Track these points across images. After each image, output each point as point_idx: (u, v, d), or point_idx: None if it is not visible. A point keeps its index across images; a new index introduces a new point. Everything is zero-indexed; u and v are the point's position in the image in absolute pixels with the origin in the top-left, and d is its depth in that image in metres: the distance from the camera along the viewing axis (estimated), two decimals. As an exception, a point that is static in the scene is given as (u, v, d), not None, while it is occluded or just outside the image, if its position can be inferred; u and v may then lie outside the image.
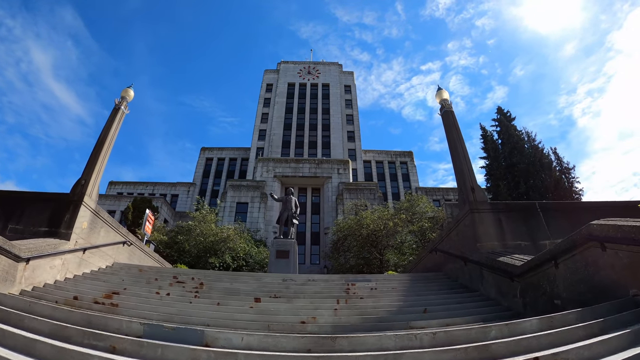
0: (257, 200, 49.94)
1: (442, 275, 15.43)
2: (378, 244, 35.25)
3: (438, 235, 17.37)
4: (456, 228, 14.83)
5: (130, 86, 19.11)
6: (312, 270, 46.20)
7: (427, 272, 17.07)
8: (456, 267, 14.31)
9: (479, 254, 12.30)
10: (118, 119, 17.57)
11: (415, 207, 37.53)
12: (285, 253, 19.79)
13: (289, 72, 79.14)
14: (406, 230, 35.59)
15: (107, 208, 53.09)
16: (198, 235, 33.41)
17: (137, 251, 18.23)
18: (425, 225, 35.35)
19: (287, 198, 22.88)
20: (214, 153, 74.11)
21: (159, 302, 10.43)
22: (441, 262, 16.28)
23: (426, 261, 18.69)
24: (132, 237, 17.86)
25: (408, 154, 72.78)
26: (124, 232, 17.24)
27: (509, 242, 12.96)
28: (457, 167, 15.18)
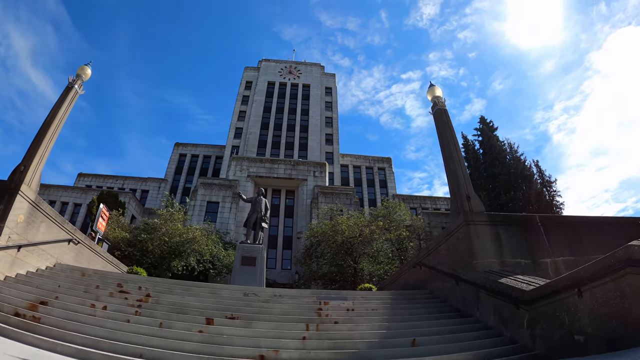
0: (229, 200, 47.81)
1: (428, 294, 13.72)
2: (353, 252, 33.55)
3: (424, 249, 15.63)
4: (447, 241, 13.09)
5: (88, 64, 17.08)
6: (282, 276, 44.44)
7: (410, 289, 15.30)
8: (445, 285, 12.66)
9: (475, 273, 10.72)
10: (70, 99, 15.56)
11: (392, 215, 35.86)
12: (252, 260, 17.78)
13: (269, 71, 77.00)
14: (383, 238, 33.93)
15: (73, 201, 50.81)
16: (163, 235, 31.20)
17: (86, 251, 16.08)
18: (403, 234, 33.74)
19: (257, 199, 20.80)
20: (188, 149, 71.64)
21: (90, 319, 8.55)
22: (426, 278, 14.57)
23: (408, 276, 16.89)
24: (80, 235, 15.73)
25: (387, 160, 71.44)
26: (70, 229, 15.13)
27: (507, 259, 11.37)
28: (451, 172, 13.48)
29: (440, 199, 68.01)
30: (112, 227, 32.29)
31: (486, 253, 11.31)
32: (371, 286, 20.46)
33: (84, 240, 15.96)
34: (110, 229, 32.01)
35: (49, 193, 52.58)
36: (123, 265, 19.39)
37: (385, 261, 34.46)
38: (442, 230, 13.82)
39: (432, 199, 67.48)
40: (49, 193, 52.63)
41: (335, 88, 77.20)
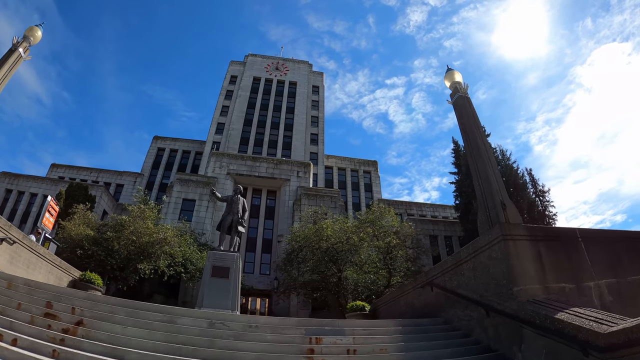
0: (206, 199, 44.92)
1: (443, 324, 11.22)
2: (338, 260, 30.99)
3: (437, 266, 12.91)
4: (472, 260, 10.47)
5: (39, 25, 14.31)
6: (260, 282, 41.91)
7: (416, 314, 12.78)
8: (468, 315, 10.24)
9: (516, 303, 8.45)
10: (12, 62, 12.84)
11: (381, 221, 33.26)
12: (225, 271, 14.96)
13: (255, 66, 74.20)
14: (371, 245, 31.37)
15: (43, 192, 48.23)
16: (130, 234, 28.24)
17: (25, 253, 13.18)
18: (393, 241, 31.15)
19: (234, 198, 17.93)
20: (166, 143, 68.59)
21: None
22: (438, 303, 12.04)
23: (412, 297, 14.21)
24: (16, 233, 12.80)
25: (372, 164, 69.28)
26: (2, 224, 12.22)
27: (551, 284, 9.01)
28: (480, 172, 11.00)
29: (426, 205, 66.40)
30: (76, 223, 29.30)
31: (528, 277, 8.88)
32: (364, 304, 17.96)
33: (23, 240, 13.04)
34: (74, 224, 29.04)
35: (17, 183, 49.80)
36: (75, 269, 16.52)
37: (372, 270, 32.03)
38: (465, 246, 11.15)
39: (417, 204, 65.81)
40: (18, 183, 49.82)
41: (323, 87, 74.90)
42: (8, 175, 50.61)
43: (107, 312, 8.96)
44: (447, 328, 10.83)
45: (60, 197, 38.58)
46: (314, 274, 32.54)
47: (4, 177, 50.17)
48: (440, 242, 47.43)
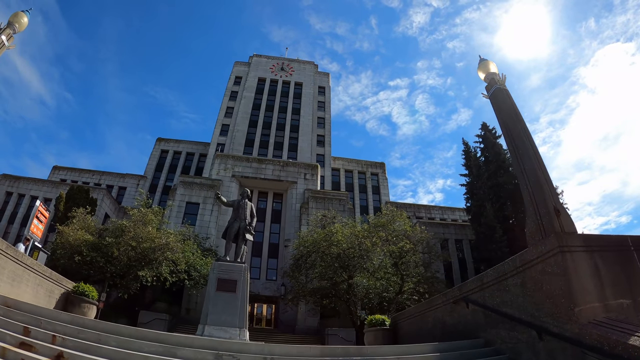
0: (210, 202, 43.67)
1: (483, 345, 9.92)
2: (349, 265, 29.65)
3: (473, 280, 11.47)
4: (521, 274, 9.07)
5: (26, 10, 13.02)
6: (267, 288, 40.72)
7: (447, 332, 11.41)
8: (515, 337, 8.98)
9: (577, 326, 7.30)
10: None
11: (392, 224, 31.82)
12: (231, 284, 13.55)
13: (260, 67, 73.02)
14: (384, 250, 29.96)
15: (43, 195, 47.22)
16: (131, 239, 26.96)
17: (9, 264, 11.80)
18: (406, 246, 29.71)
19: (241, 203, 16.45)
20: (170, 145, 67.44)
21: None
22: (476, 321, 10.71)
23: (442, 313, 12.77)
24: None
25: (380, 165, 67.98)
26: (-19, 237, 10.89)
27: (610, 301, 7.79)
28: (527, 173, 9.68)
29: (435, 207, 65.19)
30: (74, 228, 28.10)
31: (587, 294, 7.62)
32: (384, 318, 16.58)
33: (6, 250, 11.67)
34: (73, 229, 27.83)
35: (18, 186, 48.84)
36: (67, 280, 15.11)
37: (384, 277, 30.74)
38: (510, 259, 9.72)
39: (426, 207, 64.72)
40: (18, 186, 48.84)
41: (329, 87, 73.65)
42: (8, 178, 49.55)
43: (94, 342, 7.60)
44: (490, 352, 9.46)
45: (60, 201, 37.46)
46: (322, 281, 31.34)
47: (4, 180, 49.10)
48: (450, 245, 46.02)
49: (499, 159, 42.04)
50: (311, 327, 36.80)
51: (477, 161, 44.72)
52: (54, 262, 26.76)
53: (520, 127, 10.62)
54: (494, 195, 40.43)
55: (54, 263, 26.36)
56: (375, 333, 16.29)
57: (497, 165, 41.60)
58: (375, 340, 16.24)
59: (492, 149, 43.30)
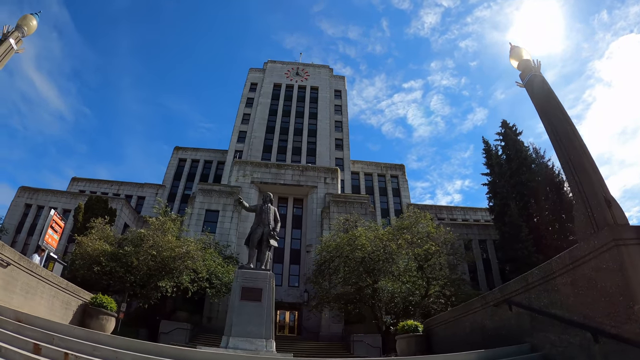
0: (230, 209, 43.16)
1: (530, 351, 9.19)
2: (374, 270, 28.83)
3: (517, 280, 10.59)
4: (571, 272, 8.25)
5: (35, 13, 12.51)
6: (289, 294, 40.06)
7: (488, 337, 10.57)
8: (566, 340, 8.25)
9: None
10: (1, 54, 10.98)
11: (416, 226, 30.95)
12: (256, 292, 12.82)
13: (275, 72, 72.62)
14: (410, 253, 29.09)
15: (62, 206, 47.29)
16: (150, 248, 26.45)
17: (23, 276, 11.23)
18: (432, 248, 28.83)
19: (264, 207, 15.75)
20: (187, 153, 67.31)
21: None
22: (520, 324, 9.94)
23: (482, 317, 11.91)
24: (10, 253, 10.80)
25: (399, 167, 67.03)
26: (-10, 245, 10.31)
27: None
28: (574, 164, 8.87)
29: (457, 208, 64.35)
30: (93, 238, 27.71)
31: None
32: (416, 324, 15.71)
33: (19, 261, 11.10)
34: (91, 240, 27.43)
35: (37, 198, 49.02)
36: (85, 292, 14.53)
37: (410, 281, 29.84)
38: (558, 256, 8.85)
39: (447, 208, 64.01)
40: (37, 198, 49.02)
41: (345, 91, 72.82)
42: (27, 190, 49.70)
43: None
44: (538, 358, 8.65)
45: (79, 211, 37.31)
46: (346, 286, 30.70)
47: (23, 192, 49.26)
48: (474, 246, 45.00)
49: (521, 156, 41.09)
50: (335, 334, 36.04)
51: (498, 159, 43.80)
52: (73, 272, 26.49)
53: (561, 115, 9.82)
54: (517, 193, 39.49)
55: (74, 274, 26.10)
56: (408, 340, 15.45)
57: (519, 163, 40.65)
58: (408, 347, 15.40)
59: (513, 146, 42.35)
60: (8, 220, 46.89)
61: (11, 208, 48.27)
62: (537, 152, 42.42)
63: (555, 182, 38.75)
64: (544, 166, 40.37)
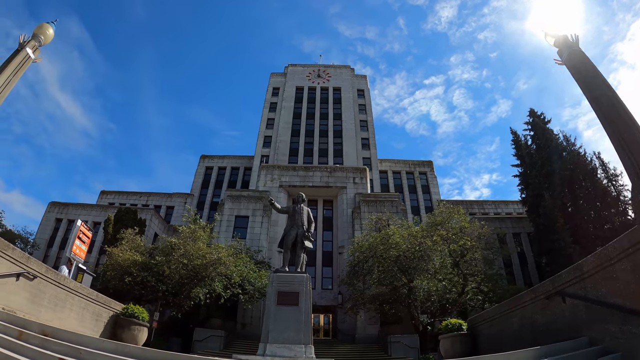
0: (260, 214, 42.76)
1: (589, 344, 8.41)
2: (408, 268, 28.07)
3: (569, 270, 9.82)
4: (632, 256, 7.48)
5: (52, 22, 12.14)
6: (323, 297, 39.43)
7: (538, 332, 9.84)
8: (628, 331, 7.50)
9: None
10: (18, 64, 10.69)
11: (450, 221, 30.06)
12: (293, 296, 12.24)
13: (297, 75, 72.42)
14: (445, 249, 28.25)
15: (92, 219, 47.83)
16: (181, 257, 26.14)
17: (50, 288, 10.86)
18: (468, 243, 27.91)
19: (296, 208, 15.12)
20: (214, 161, 67.52)
21: None
22: (575, 317, 9.24)
23: (532, 312, 11.08)
24: (36, 265, 10.47)
25: (427, 164, 66.09)
26: (17, 257, 9.91)
27: None
28: (627, 141, 8.17)
29: (488, 202, 63.25)
30: (123, 249, 27.58)
31: None
32: (460, 322, 14.99)
33: (46, 274, 10.73)
34: (121, 250, 27.30)
35: (67, 212, 49.57)
36: (116, 302, 14.15)
37: (446, 279, 29.00)
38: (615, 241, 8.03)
39: (478, 203, 63.06)
40: (67, 212, 49.58)
41: (368, 90, 72.17)
42: (57, 205, 50.28)
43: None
44: (599, 352, 7.86)
45: (109, 223, 37.42)
46: (381, 286, 30.12)
47: (53, 207, 49.85)
48: (508, 240, 43.86)
49: (551, 144, 39.97)
50: (372, 336, 35.29)
51: (528, 149, 42.83)
52: (104, 284, 26.44)
53: (607, 89, 9.14)
54: (549, 183, 38.27)
55: (105, 285, 26.08)
56: (452, 339, 14.69)
57: (550, 152, 39.60)
58: (452, 347, 14.63)
59: (543, 135, 41.26)
60: (39, 235, 47.56)
61: (42, 223, 48.92)
62: (567, 140, 41.07)
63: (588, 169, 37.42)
64: (575, 154, 39.00)
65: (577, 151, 39.18)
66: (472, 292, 29.43)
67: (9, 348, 6.78)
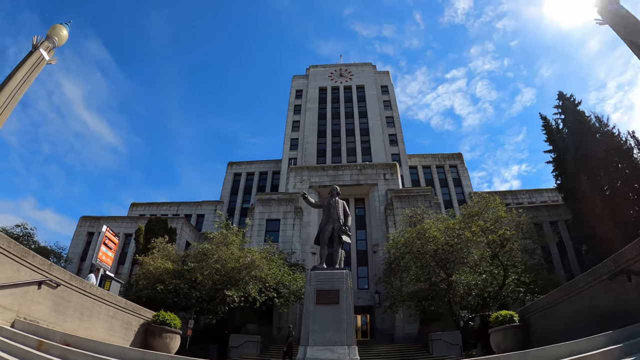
0: (291, 216, 42.20)
1: None
2: (447, 262, 27.05)
3: (634, 245, 8.81)
4: None
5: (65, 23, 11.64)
6: (360, 298, 38.49)
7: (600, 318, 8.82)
8: None
9: None
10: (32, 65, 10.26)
11: (487, 212, 28.85)
12: (333, 295, 11.41)
13: (319, 76, 71.87)
14: (485, 240, 27.06)
15: (124, 231, 48.25)
16: (215, 262, 25.69)
17: (75, 297, 10.28)
18: (507, 233, 26.70)
19: (331, 202, 14.26)
20: (242, 167, 67.36)
21: None
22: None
23: (591, 296, 10.11)
24: (59, 273, 9.91)
25: (457, 156, 64.80)
26: (38, 264, 9.36)
27: None
28: None
29: (521, 192, 61.80)
30: (155, 257, 27.32)
31: None
32: (512, 313, 14.01)
33: (70, 281, 10.15)
34: (153, 259, 27.05)
35: (98, 225, 49.66)
36: (146, 310, 13.57)
37: (487, 271, 27.93)
38: None
39: (512, 192, 61.81)
40: (99, 225, 49.57)
41: (392, 85, 71.15)
42: (88, 219, 50.68)
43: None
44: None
45: (139, 233, 37.38)
46: (419, 283, 29.19)
47: (84, 222, 50.28)
48: (546, 228, 42.33)
49: (584, 127, 38.21)
50: (411, 334, 34.30)
51: (560, 133, 41.12)
52: (137, 293, 26.21)
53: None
54: (585, 166, 36.66)
55: (138, 294, 25.88)
56: (504, 332, 13.71)
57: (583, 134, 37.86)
58: (504, 340, 13.64)
59: (574, 117, 39.52)
60: (72, 249, 48.10)
61: (74, 238, 49.46)
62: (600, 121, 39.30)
63: (623, 149, 35.76)
64: (609, 134, 37.28)
65: (610, 132, 37.52)
66: (514, 284, 28.30)
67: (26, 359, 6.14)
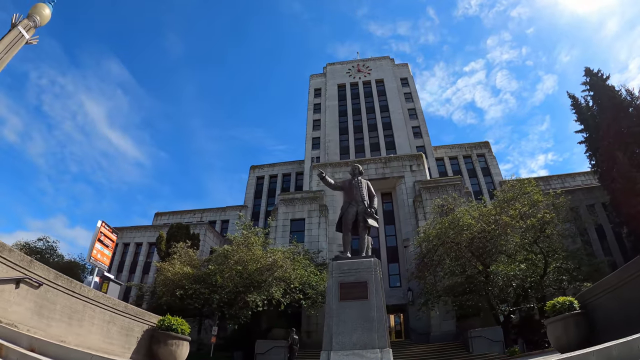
0: (316, 214, 40.76)
1: None
2: (483, 252, 25.28)
3: None
4: None
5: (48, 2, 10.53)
6: (392, 296, 36.79)
7: None
8: None
9: None
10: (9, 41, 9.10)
11: (522, 197, 27.04)
12: (360, 287, 9.74)
13: (336, 73, 70.54)
14: (523, 225, 25.20)
15: (147, 240, 48.51)
16: (235, 264, 24.35)
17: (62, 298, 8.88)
18: (547, 216, 24.86)
19: (353, 182, 12.82)
20: (264, 170, 66.44)
21: None
22: None
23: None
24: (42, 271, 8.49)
25: (484, 145, 62.56)
26: (16, 261, 8.00)
27: None
28: None
29: (553, 177, 59.58)
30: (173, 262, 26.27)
31: None
32: (571, 300, 12.16)
33: (55, 281, 8.77)
34: (171, 264, 25.99)
35: (122, 236, 49.26)
36: (151, 315, 12.18)
37: (529, 257, 26.15)
38: None
39: (544, 179, 58.80)
40: (122, 236, 49.29)
41: (411, 77, 69.49)
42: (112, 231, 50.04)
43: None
44: None
45: (161, 240, 36.58)
46: (454, 276, 27.69)
47: (105, 232, 49.67)
48: (583, 212, 40.05)
49: (615, 102, 36.07)
50: (448, 332, 32.31)
51: (590, 111, 39.29)
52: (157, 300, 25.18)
53: None
54: (619, 142, 34.46)
55: (158, 302, 24.78)
56: (564, 322, 11.75)
57: (616, 110, 35.69)
58: (565, 332, 11.66)
59: (604, 93, 37.49)
60: (94, 261, 47.44)
61: (98, 249, 48.75)
62: (631, 94, 37.20)
63: (657, 122, 33.86)
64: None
65: (641, 105, 35.57)
66: (556, 271, 26.44)
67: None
